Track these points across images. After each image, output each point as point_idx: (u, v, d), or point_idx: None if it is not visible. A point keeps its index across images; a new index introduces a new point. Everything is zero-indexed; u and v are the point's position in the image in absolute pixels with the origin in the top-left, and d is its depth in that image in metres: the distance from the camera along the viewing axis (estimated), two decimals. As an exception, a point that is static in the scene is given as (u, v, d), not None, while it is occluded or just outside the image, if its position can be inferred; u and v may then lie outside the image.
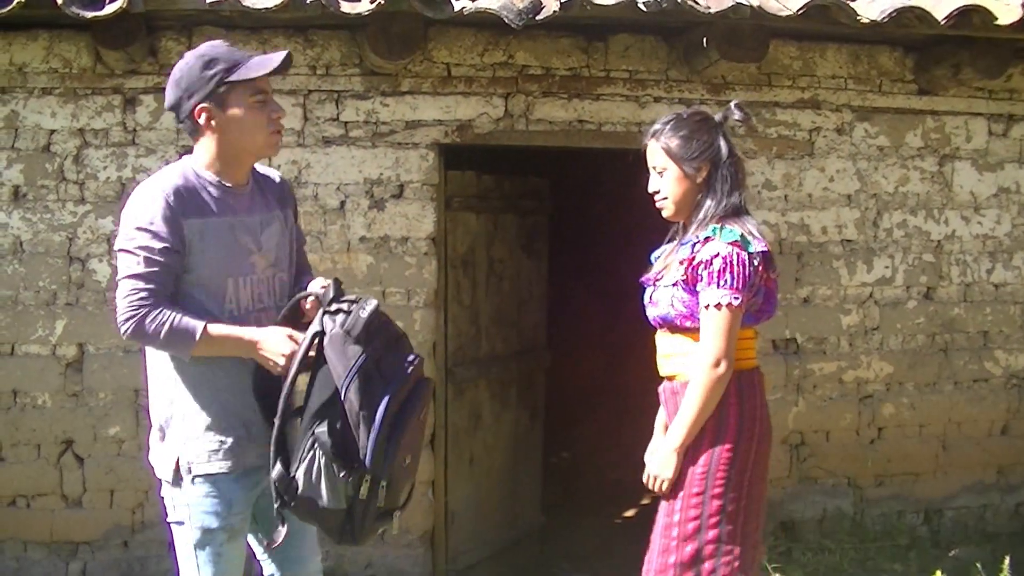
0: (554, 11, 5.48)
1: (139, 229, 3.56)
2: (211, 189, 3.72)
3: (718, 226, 3.97)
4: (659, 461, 4.08)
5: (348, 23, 5.78)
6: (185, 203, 3.62)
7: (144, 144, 6.05)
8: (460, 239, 6.57)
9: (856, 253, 6.85)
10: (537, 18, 5.52)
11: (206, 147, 3.75)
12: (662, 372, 4.27)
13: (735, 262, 3.90)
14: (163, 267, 3.55)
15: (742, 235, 3.95)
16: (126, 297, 3.53)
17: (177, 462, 3.70)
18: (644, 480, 4.17)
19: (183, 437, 3.70)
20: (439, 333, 6.44)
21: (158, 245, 3.54)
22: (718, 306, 3.88)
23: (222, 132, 3.70)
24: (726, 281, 3.89)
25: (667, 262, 4.16)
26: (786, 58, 6.63)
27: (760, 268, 4.00)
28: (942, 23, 5.78)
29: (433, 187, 6.33)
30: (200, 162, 3.77)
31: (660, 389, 4.31)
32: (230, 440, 3.72)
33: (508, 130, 6.39)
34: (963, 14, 5.76)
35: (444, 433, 6.51)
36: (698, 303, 3.97)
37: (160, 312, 3.50)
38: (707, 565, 4.02)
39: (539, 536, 7.52)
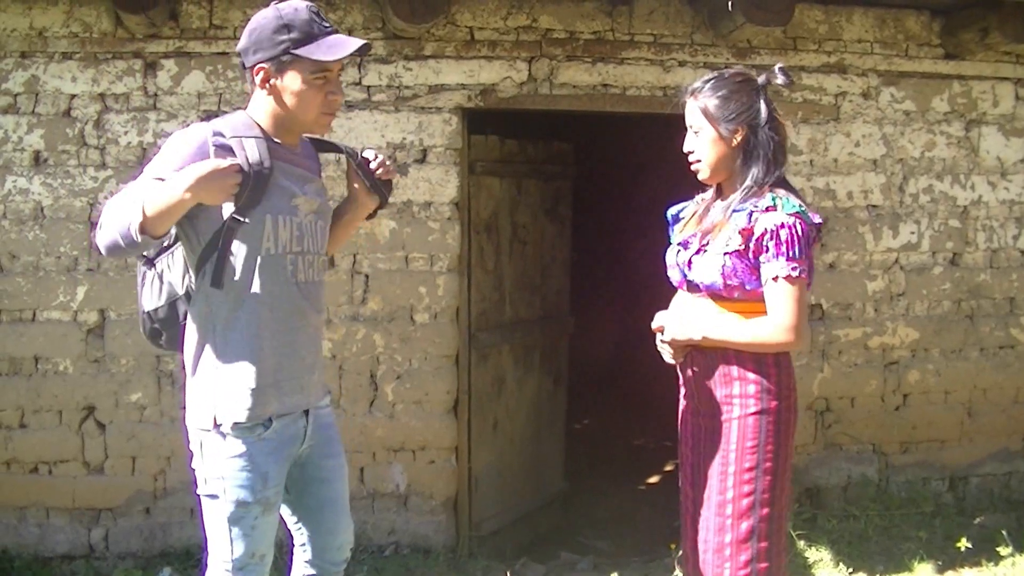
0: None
1: (157, 160, 3.49)
2: (248, 130, 3.64)
3: (777, 196, 3.86)
4: (680, 328, 4.00)
5: (371, -14, 5.75)
6: (224, 148, 3.53)
7: (165, 109, 6.02)
8: (483, 204, 6.54)
9: (882, 219, 6.79)
10: (562, -20, 5.47)
11: (260, 103, 3.69)
12: None
13: (800, 233, 3.79)
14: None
15: (801, 207, 3.87)
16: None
17: (214, 409, 3.63)
18: (656, 329, 4.13)
19: (218, 383, 3.63)
20: (462, 298, 6.42)
21: (161, 173, 3.42)
22: (788, 278, 3.76)
23: (274, 97, 3.64)
24: (794, 253, 3.77)
25: (710, 222, 4.02)
26: (812, 22, 6.56)
27: (815, 240, 3.94)
28: (970, -14, 5.72)
29: (456, 152, 6.29)
30: (254, 114, 3.70)
31: (685, 357, 4.17)
32: (266, 388, 3.66)
33: (532, 94, 6.34)
34: (992, -23, 5.70)
35: (468, 399, 6.50)
36: (756, 274, 3.86)
37: (110, 201, 3.41)
38: (763, 544, 3.96)
39: (562, 502, 7.53)
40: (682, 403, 4.24)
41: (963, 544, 6.10)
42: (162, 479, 6.20)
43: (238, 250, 3.59)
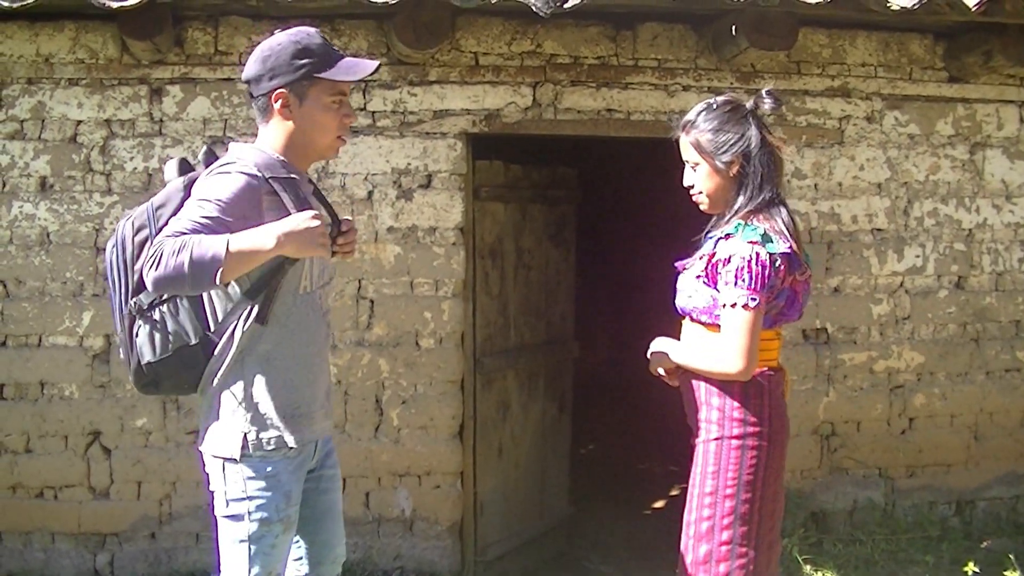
0: (582, -1, 5.44)
1: (203, 200, 3.46)
2: (282, 168, 3.66)
3: (742, 222, 3.88)
4: (662, 345, 4.16)
5: (375, 12, 5.76)
6: (265, 181, 3.57)
7: (171, 135, 6.04)
8: (488, 229, 6.53)
9: (887, 242, 6.79)
10: (565, 6, 5.49)
11: (274, 132, 3.71)
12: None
13: (754, 262, 3.79)
14: (209, 227, 3.39)
15: (764, 233, 3.84)
16: (165, 231, 3.39)
17: (245, 438, 3.65)
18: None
19: (252, 414, 3.67)
20: (467, 323, 6.41)
21: (219, 213, 3.42)
22: (733, 305, 3.79)
23: (293, 122, 3.67)
24: (744, 281, 3.78)
25: (698, 253, 4.07)
26: (816, 46, 6.58)
27: (782, 269, 3.89)
28: (973, 10, 5.71)
29: (461, 177, 6.30)
30: (267, 145, 3.71)
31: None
32: (292, 416, 3.72)
33: (536, 119, 6.35)
34: (995, 1, 5.69)
35: (473, 424, 6.49)
36: (716, 300, 3.91)
37: (179, 240, 3.30)
38: (721, 568, 3.97)
39: (567, 527, 7.50)
40: None
41: (970, 568, 6.06)
42: (167, 504, 6.20)
43: (283, 287, 3.66)
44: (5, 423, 6.07)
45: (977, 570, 6.04)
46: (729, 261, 3.81)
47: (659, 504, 8.35)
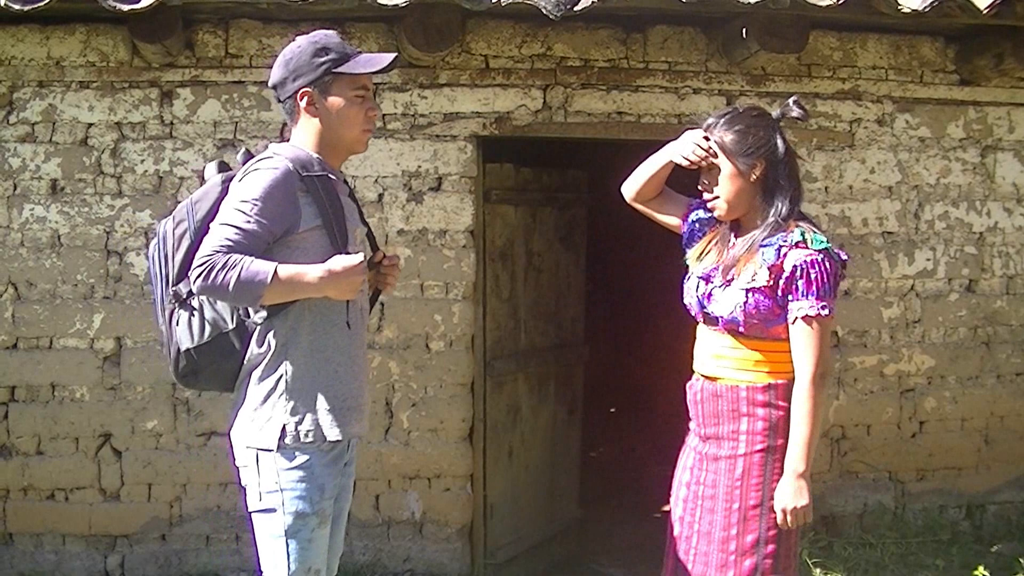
0: (592, 2, 5.42)
1: (241, 202, 3.56)
2: (318, 165, 3.75)
3: (804, 230, 3.85)
4: (789, 493, 3.86)
5: (386, 15, 5.77)
6: (300, 178, 3.66)
7: (181, 137, 6.05)
8: (498, 232, 6.54)
9: (897, 245, 6.78)
10: (575, 9, 5.48)
11: (304, 131, 3.82)
12: (703, 371, 4.11)
13: (828, 271, 3.78)
14: (253, 234, 3.54)
15: (829, 243, 3.84)
16: (209, 244, 3.50)
17: (283, 429, 3.67)
18: (779, 521, 3.90)
19: (294, 404, 3.70)
20: (477, 326, 6.42)
21: (259, 216, 3.54)
22: (818, 317, 3.75)
23: (320, 118, 3.78)
24: (824, 291, 3.76)
25: (733, 258, 3.96)
26: (826, 49, 6.57)
27: (843, 277, 3.93)
28: (984, 12, 5.69)
29: (471, 180, 6.31)
30: (301, 143, 3.82)
31: (693, 387, 4.16)
32: (339, 409, 3.75)
33: (546, 122, 6.35)
34: (1006, 3, 5.67)
35: (483, 426, 6.49)
36: (780, 312, 3.84)
37: (231, 257, 3.46)
38: None
39: (577, 530, 7.50)
40: (691, 432, 4.24)
41: (980, 572, 6.06)
42: (178, 506, 6.21)
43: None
44: (16, 425, 6.08)
45: (987, 574, 6.04)
46: (807, 272, 3.77)
47: (668, 508, 8.32)
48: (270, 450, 3.69)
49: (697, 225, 4.24)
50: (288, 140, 3.89)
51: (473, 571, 6.49)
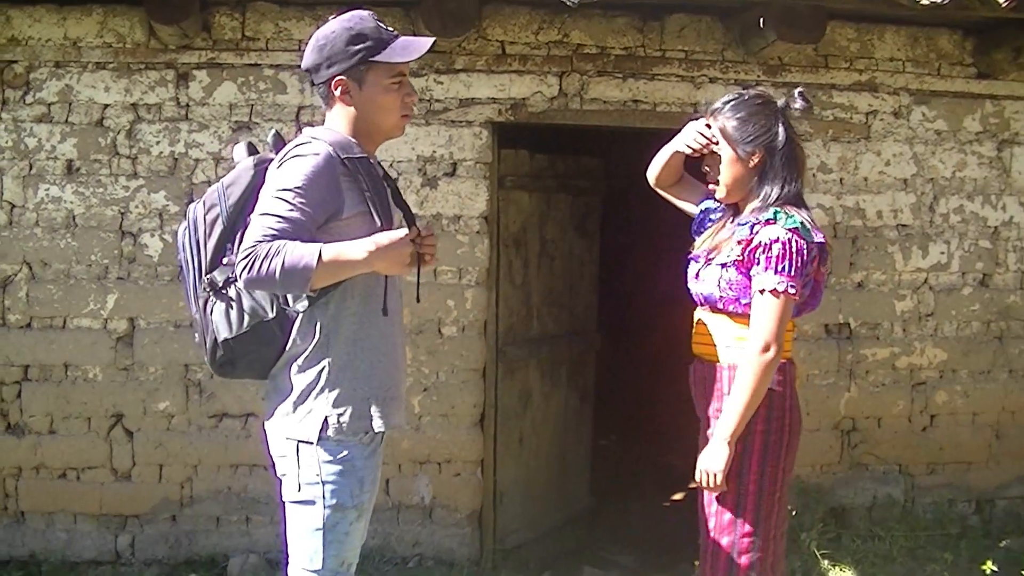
0: (610, -11, 5.43)
1: (283, 190, 3.47)
2: (356, 148, 3.68)
3: (780, 210, 3.90)
4: (708, 454, 3.94)
5: (402, 0, 5.76)
6: (341, 162, 3.59)
7: (197, 119, 6.06)
8: (512, 218, 6.53)
9: (911, 238, 6.77)
10: (593, -4, 5.48)
11: (339, 117, 3.73)
12: (695, 351, 4.23)
13: (794, 250, 3.82)
14: (296, 222, 3.44)
15: (803, 223, 3.88)
16: (251, 236, 3.42)
17: (326, 421, 3.63)
18: (696, 477, 4.01)
19: (337, 395, 3.66)
20: (490, 312, 6.42)
21: (302, 203, 3.45)
22: (773, 292, 3.80)
23: (355, 106, 3.69)
24: (784, 268, 3.80)
25: (717, 240, 4.10)
26: (843, 40, 6.55)
27: (816, 259, 3.94)
28: (1004, 5, 5.67)
29: (486, 165, 6.31)
30: (338, 128, 3.74)
31: (691, 368, 4.27)
32: (382, 399, 3.73)
33: (562, 109, 6.34)
34: (1026, -5, 5.66)
35: (494, 412, 6.50)
36: (749, 286, 3.91)
37: (273, 245, 3.36)
38: (743, 559, 3.99)
39: (587, 518, 7.50)
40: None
41: (989, 567, 6.06)
42: (188, 487, 6.23)
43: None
44: (30, 404, 6.10)
45: (996, 569, 6.05)
46: (769, 247, 3.83)
47: (679, 496, 8.34)
48: (311, 442, 3.64)
49: (707, 213, 4.31)
50: (323, 124, 3.80)
51: (482, 557, 6.50)
